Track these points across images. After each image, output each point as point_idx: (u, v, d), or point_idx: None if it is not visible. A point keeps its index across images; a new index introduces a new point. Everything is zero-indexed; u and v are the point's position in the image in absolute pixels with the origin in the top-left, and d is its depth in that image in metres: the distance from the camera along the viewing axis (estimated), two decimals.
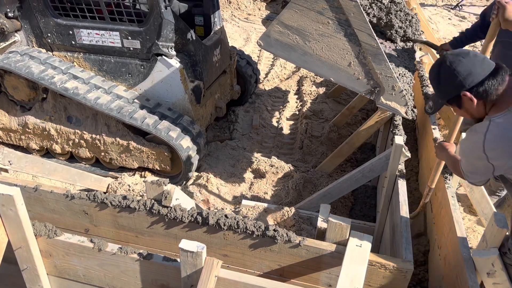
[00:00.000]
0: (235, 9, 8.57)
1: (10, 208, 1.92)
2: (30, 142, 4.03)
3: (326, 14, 2.62)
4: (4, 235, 2.03)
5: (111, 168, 3.99)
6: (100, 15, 3.63)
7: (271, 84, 5.84)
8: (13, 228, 2.01)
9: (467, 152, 1.82)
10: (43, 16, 3.75)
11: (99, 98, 3.66)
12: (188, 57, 3.83)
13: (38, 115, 3.92)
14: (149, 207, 2.23)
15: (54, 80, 3.66)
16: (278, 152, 4.42)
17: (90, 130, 3.81)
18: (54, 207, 2.41)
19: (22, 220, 1.96)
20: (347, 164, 4.12)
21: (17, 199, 1.90)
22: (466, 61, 1.70)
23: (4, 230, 2.01)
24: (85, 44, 3.79)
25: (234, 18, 8.23)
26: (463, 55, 1.73)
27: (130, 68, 3.80)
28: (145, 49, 3.67)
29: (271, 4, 3.08)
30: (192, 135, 3.78)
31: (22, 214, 1.95)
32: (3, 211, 1.95)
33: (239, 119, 4.87)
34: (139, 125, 3.60)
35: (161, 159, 3.76)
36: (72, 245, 2.07)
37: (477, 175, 1.82)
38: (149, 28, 3.55)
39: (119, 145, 3.76)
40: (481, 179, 1.84)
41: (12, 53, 3.82)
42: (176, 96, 3.84)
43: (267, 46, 2.86)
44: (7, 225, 1.99)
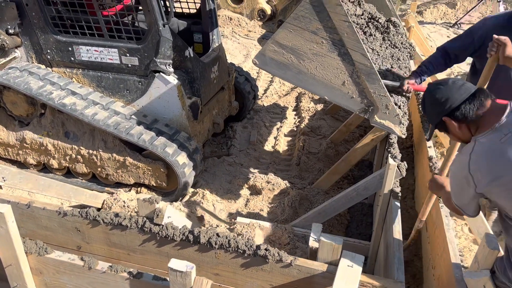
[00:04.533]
0: (236, 26, 8.65)
1: (0, 225, 1.92)
2: (28, 157, 4.04)
3: (320, 34, 2.66)
4: None
5: (108, 184, 3.99)
6: (99, 32, 3.67)
7: (270, 100, 5.87)
8: (3, 245, 2.01)
9: (455, 174, 1.84)
10: (43, 32, 3.81)
11: (97, 114, 3.68)
12: (185, 74, 3.86)
13: (36, 131, 3.94)
14: (140, 225, 2.23)
15: (52, 96, 3.69)
16: (275, 168, 4.42)
17: (87, 145, 3.83)
18: (47, 224, 2.41)
19: (12, 238, 1.96)
20: (344, 181, 4.11)
21: (7, 217, 1.90)
22: (444, 88, 1.83)
23: None
24: (84, 60, 3.84)
25: (234, 35, 8.31)
26: (442, 84, 1.86)
27: (128, 85, 3.83)
28: (143, 65, 3.71)
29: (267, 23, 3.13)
30: (189, 151, 3.79)
31: (13, 232, 1.95)
32: None
33: (236, 135, 4.89)
34: (135, 141, 3.62)
35: (157, 175, 3.76)
36: (63, 263, 2.06)
37: (468, 204, 1.83)
38: (147, 46, 3.60)
39: (116, 161, 3.77)
40: (473, 207, 1.84)
41: (12, 69, 3.87)
42: (173, 113, 3.86)
43: (263, 65, 2.89)
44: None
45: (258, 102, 5.71)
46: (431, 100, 1.87)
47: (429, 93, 1.89)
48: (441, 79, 1.93)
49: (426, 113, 1.97)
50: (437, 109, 1.84)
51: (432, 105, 1.87)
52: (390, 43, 3.61)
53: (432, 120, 1.92)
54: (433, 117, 1.89)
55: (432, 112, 1.89)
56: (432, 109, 1.88)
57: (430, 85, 1.92)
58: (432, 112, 1.88)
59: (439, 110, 1.83)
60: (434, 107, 1.85)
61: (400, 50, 3.64)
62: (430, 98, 1.88)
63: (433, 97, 1.85)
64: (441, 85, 1.85)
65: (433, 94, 1.86)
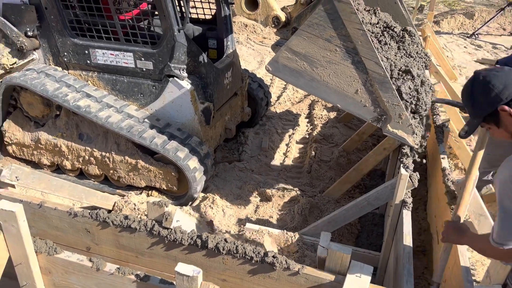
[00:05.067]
0: (251, 32, 8.70)
1: (12, 224, 1.95)
2: (42, 157, 4.11)
3: (334, 42, 2.65)
4: (5, 250, 2.05)
5: (119, 186, 4.02)
6: (115, 36, 3.73)
7: (283, 107, 5.87)
8: (14, 244, 2.03)
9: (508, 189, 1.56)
10: (61, 35, 3.87)
11: (110, 116, 3.72)
12: (199, 79, 3.88)
13: (51, 132, 4.00)
14: (149, 228, 2.23)
15: (67, 98, 3.75)
16: (286, 175, 4.40)
17: (100, 147, 3.87)
18: (58, 224, 2.43)
19: (23, 237, 1.98)
20: (355, 190, 4.08)
21: (19, 216, 1.93)
22: (501, 74, 1.65)
23: (6, 246, 2.03)
24: (99, 63, 3.89)
25: (249, 41, 8.35)
26: (497, 70, 1.68)
27: (142, 88, 3.87)
28: (157, 70, 3.75)
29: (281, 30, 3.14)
30: (200, 156, 3.81)
31: (24, 231, 1.97)
32: (5, 227, 1.97)
33: (248, 141, 4.89)
34: (147, 144, 3.64)
35: (168, 179, 3.78)
36: (71, 263, 2.08)
37: None
38: (162, 50, 3.63)
39: (128, 164, 3.80)
40: None
41: (29, 71, 3.94)
42: (185, 117, 3.89)
43: (275, 71, 2.89)
44: (9, 241, 2.01)
45: (271, 109, 5.72)
46: (483, 86, 1.66)
47: (481, 80, 1.68)
48: (491, 67, 1.74)
49: (473, 103, 1.72)
50: (491, 97, 1.63)
51: (484, 93, 1.65)
52: (405, 52, 3.57)
53: (480, 111, 1.69)
54: (483, 107, 1.67)
55: (483, 101, 1.66)
56: (484, 98, 1.65)
57: (481, 72, 1.71)
58: (484, 101, 1.66)
59: (494, 98, 1.62)
60: (487, 95, 1.64)
61: (415, 60, 3.60)
62: (482, 85, 1.66)
63: (486, 84, 1.65)
64: (496, 71, 1.66)
65: (486, 80, 1.65)
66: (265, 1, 3.14)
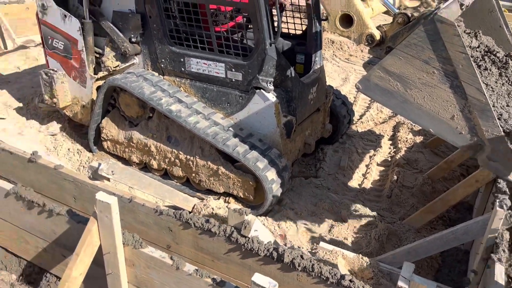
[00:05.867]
0: (337, 49, 8.63)
1: (106, 215, 2.10)
2: (132, 155, 4.40)
3: (432, 64, 2.53)
4: (97, 239, 2.21)
5: (199, 190, 4.17)
6: (210, 47, 3.90)
7: (365, 127, 5.72)
8: (105, 233, 2.19)
9: None
10: (161, 43, 4.15)
11: (198, 122, 3.89)
12: (284, 93, 3.92)
13: (143, 132, 4.27)
14: (228, 234, 2.29)
15: (161, 102, 3.98)
16: (364, 197, 4.26)
17: (185, 151, 4.05)
18: (144, 219, 2.58)
19: (114, 228, 2.12)
20: (438, 222, 3.83)
21: (113, 208, 2.07)
22: None
23: (98, 234, 2.19)
24: (192, 71, 4.09)
25: (335, 58, 8.29)
26: None
27: (229, 98, 4.00)
28: (246, 81, 3.85)
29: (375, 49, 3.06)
30: (278, 168, 3.82)
31: (116, 223, 2.12)
32: (100, 217, 2.13)
33: (326, 158, 4.82)
34: (230, 152, 3.74)
35: (245, 187, 3.85)
36: (154, 259, 2.19)
37: None
38: (253, 63, 3.73)
39: (209, 169, 3.93)
40: None
41: (130, 74, 4.25)
42: (268, 129, 3.94)
43: (366, 90, 2.83)
44: (101, 230, 2.17)
45: (353, 127, 5.59)
46: None
47: None
48: None
49: None
50: None
51: None
52: (508, 80, 3.30)
53: None
54: None
55: None
56: None
57: None
58: None
59: None
60: None
61: None
62: None
63: None
64: None
65: None
66: (360, 19, 3.10)
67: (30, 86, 5.95)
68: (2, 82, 6.14)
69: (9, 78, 6.30)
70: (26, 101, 5.53)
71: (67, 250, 2.58)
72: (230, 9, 3.98)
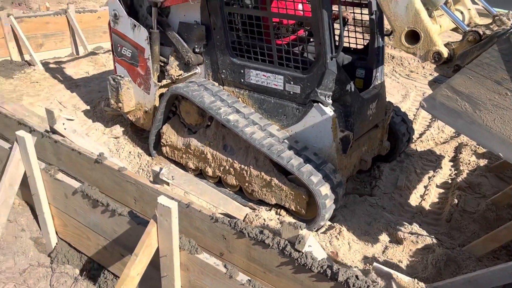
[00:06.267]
0: (397, 65, 8.42)
1: (166, 218, 2.17)
2: (189, 161, 4.52)
3: (506, 85, 2.40)
4: (156, 241, 2.29)
5: (251, 199, 4.20)
6: (270, 59, 3.95)
7: (424, 146, 5.51)
8: (164, 236, 2.26)
9: None
10: (222, 54, 4.25)
11: (254, 133, 3.93)
12: (343, 107, 3.88)
13: (200, 139, 4.39)
14: (282, 247, 2.28)
15: (220, 111, 4.07)
16: (421, 220, 4.09)
17: (240, 160, 4.10)
18: (199, 225, 2.63)
19: (173, 232, 2.19)
20: (502, 251, 3.59)
21: (173, 212, 2.14)
22: None
23: (157, 237, 2.27)
24: (251, 83, 4.16)
25: (394, 73, 8.09)
26: None
27: (286, 110, 4.01)
28: (303, 94, 3.85)
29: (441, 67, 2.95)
30: (333, 183, 3.77)
31: (174, 227, 2.18)
32: (160, 220, 2.21)
33: (383, 176, 4.69)
34: (284, 164, 3.74)
35: (298, 200, 3.82)
36: (208, 265, 2.22)
37: None
38: (312, 76, 3.73)
39: (263, 179, 3.95)
40: None
41: (191, 83, 4.40)
42: (323, 143, 3.90)
43: (431, 109, 2.73)
44: (160, 233, 2.24)
45: (411, 146, 5.41)
46: None
47: None
48: None
49: None
50: None
51: None
52: None
53: None
54: None
55: None
56: None
57: None
58: None
59: None
60: None
61: None
62: None
63: None
64: None
65: None
66: (427, 36, 3.00)
67: (97, 91, 6.32)
68: (73, 85, 6.57)
69: (79, 82, 6.74)
70: (93, 104, 5.88)
71: (125, 250, 2.69)
72: (292, 22, 4.01)
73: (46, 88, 6.38)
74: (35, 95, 6.11)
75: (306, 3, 3.98)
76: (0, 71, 6.83)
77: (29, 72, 6.89)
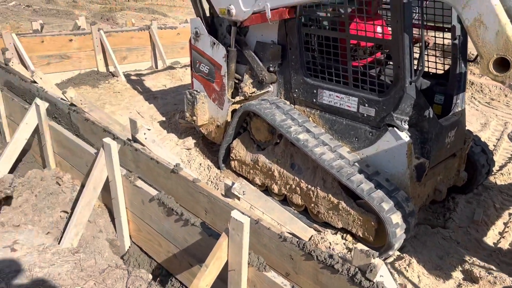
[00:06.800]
0: (477, 92, 7.98)
1: (238, 233, 2.20)
2: (256, 177, 4.58)
3: None
4: (226, 254, 2.33)
5: (316, 221, 4.15)
6: (345, 81, 3.92)
7: (505, 179, 5.12)
8: (234, 251, 2.29)
9: None
10: (296, 74, 4.29)
11: (324, 154, 3.90)
12: (419, 133, 3.73)
13: (269, 156, 4.43)
14: (352, 274, 2.21)
15: (290, 130, 4.09)
16: (500, 259, 3.78)
17: (307, 180, 4.08)
18: (266, 243, 2.64)
19: (243, 247, 2.21)
20: None
21: (245, 227, 2.17)
22: None
23: (227, 250, 2.30)
24: (323, 103, 4.14)
25: (473, 101, 7.66)
26: None
27: (358, 133, 3.94)
28: (378, 117, 3.76)
29: None
30: (404, 212, 3.62)
31: (245, 242, 2.21)
32: (231, 234, 2.25)
33: (458, 208, 4.41)
34: (354, 187, 3.66)
35: (366, 227, 3.71)
36: (276, 284, 2.22)
37: None
38: (388, 100, 3.64)
39: (330, 202, 3.89)
40: None
41: (264, 101, 4.47)
42: (396, 169, 3.77)
43: None
44: (231, 247, 2.28)
45: (490, 178, 5.05)
46: None
47: None
48: None
49: None
50: None
51: None
52: None
53: None
54: None
55: None
56: None
57: None
58: None
59: None
60: None
61: None
62: None
63: None
64: None
65: None
66: None
67: (173, 103, 6.64)
68: (151, 97, 6.96)
69: (157, 94, 7.12)
70: (169, 116, 6.18)
71: (194, 259, 2.76)
72: (370, 44, 3.96)
73: (127, 98, 6.81)
74: (117, 104, 6.55)
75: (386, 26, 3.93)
76: (88, 81, 7.43)
77: (112, 83, 7.41)
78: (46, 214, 3.52)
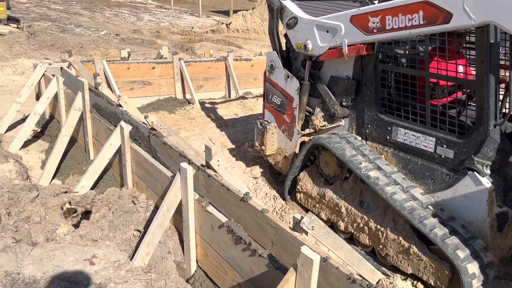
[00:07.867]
0: None
1: (307, 269, 2.18)
2: (321, 211, 4.51)
3: None
4: None
5: (384, 264, 3.97)
6: (422, 119, 3.80)
7: None
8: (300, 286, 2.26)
9: None
10: (370, 110, 4.24)
11: (396, 193, 3.76)
12: (502, 180, 3.49)
13: (336, 191, 4.36)
14: None
15: (360, 166, 4.01)
16: None
17: (376, 220, 3.94)
18: (333, 282, 2.57)
19: (311, 285, 2.18)
20: None
21: (315, 265, 2.14)
22: None
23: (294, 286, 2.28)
24: (398, 141, 4.03)
25: None
26: None
27: (434, 174, 3.77)
28: (457, 160, 3.58)
29: None
30: (482, 262, 3.36)
31: (313, 280, 2.18)
32: (300, 270, 2.23)
33: None
34: (427, 232, 3.48)
35: (439, 275, 3.48)
36: None
37: None
38: (469, 142, 3.46)
39: (400, 245, 3.72)
40: None
41: (334, 135, 4.45)
42: (475, 216, 3.53)
43: None
44: (298, 283, 2.25)
45: None
46: None
47: None
48: None
49: None
50: None
51: None
52: None
53: None
54: None
55: None
56: None
57: None
58: None
59: None
60: None
61: None
62: None
63: None
64: None
65: None
66: None
67: (243, 132, 6.81)
68: (222, 125, 7.21)
69: (228, 122, 7.36)
70: (238, 144, 6.34)
71: None
72: (451, 84, 3.83)
73: (200, 124, 7.11)
74: (191, 130, 6.85)
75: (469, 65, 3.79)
76: (166, 106, 7.88)
77: (188, 109, 7.79)
78: (121, 231, 3.73)
